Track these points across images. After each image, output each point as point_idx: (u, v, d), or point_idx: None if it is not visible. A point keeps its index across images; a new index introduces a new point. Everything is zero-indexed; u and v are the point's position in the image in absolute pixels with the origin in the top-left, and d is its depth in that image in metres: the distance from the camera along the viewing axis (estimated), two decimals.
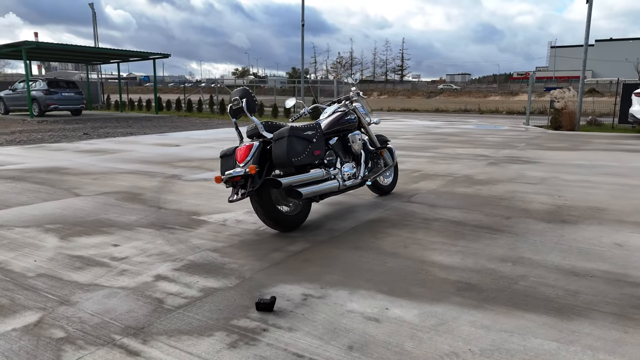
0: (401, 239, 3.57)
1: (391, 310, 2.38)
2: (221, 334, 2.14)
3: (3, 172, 6.50)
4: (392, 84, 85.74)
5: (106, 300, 2.48)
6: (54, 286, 2.66)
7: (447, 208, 4.51)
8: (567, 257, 3.17)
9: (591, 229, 3.82)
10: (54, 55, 21.93)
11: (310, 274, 2.86)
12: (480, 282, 2.76)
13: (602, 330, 2.20)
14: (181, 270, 2.92)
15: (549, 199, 4.89)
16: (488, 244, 3.45)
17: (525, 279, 2.81)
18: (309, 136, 3.65)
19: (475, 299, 2.52)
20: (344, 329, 2.20)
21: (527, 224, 3.98)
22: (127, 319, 2.27)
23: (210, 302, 2.47)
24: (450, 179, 6.09)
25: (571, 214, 4.31)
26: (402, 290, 2.63)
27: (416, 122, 18.94)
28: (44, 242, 3.47)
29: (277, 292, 2.59)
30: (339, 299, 2.52)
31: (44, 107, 18.46)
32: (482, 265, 3.02)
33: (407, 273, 2.89)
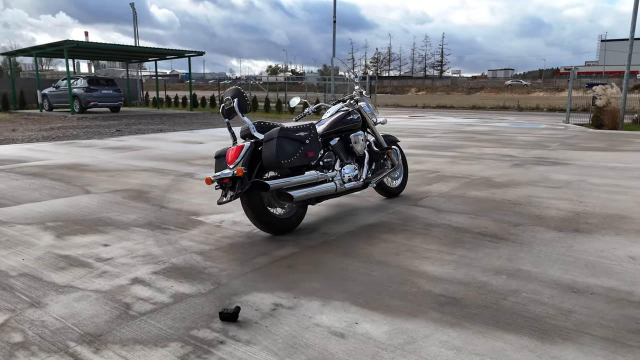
0: (395, 245, 3.42)
1: (360, 325, 2.25)
2: (176, 345, 2.07)
3: (27, 169, 6.71)
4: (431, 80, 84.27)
5: (75, 304, 2.46)
6: (31, 287, 2.68)
7: (454, 213, 4.30)
8: (570, 271, 2.93)
9: (605, 240, 3.54)
10: (94, 54, 22.69)
11: (287, 282, 2.76)
12: (465, 296, 2.58)
13: (588, 357, 2.00)
14: (160, 273, 2.88)
15: (567, 205, 4.59)
16: (487, 254, 3.24)
17: (517, 294, 2.61)
18: (301, 137, 3.54)
19: (454, 316, 2.35)
20: (305, 344, 2.09)
21: (536, 232, 3.73)
22: (89, 325, 2.24)
23: (177, 309, 2.41)
24: (467, 181, 5.83)
25: (588, 221, 4.02)
26: (379, 303, 2.49)
27: (449, 119, 18.46)
28: (39, 240, 3.52)
29: (249, 301, 2.51)
30: (309, 310, 2.41)
31: (85, 104, 19.11)
32: (473, 278, 2.83)
33: (390, 284, 2.74)
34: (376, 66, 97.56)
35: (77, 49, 18.76)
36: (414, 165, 7.00)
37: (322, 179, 3.76)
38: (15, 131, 13.00)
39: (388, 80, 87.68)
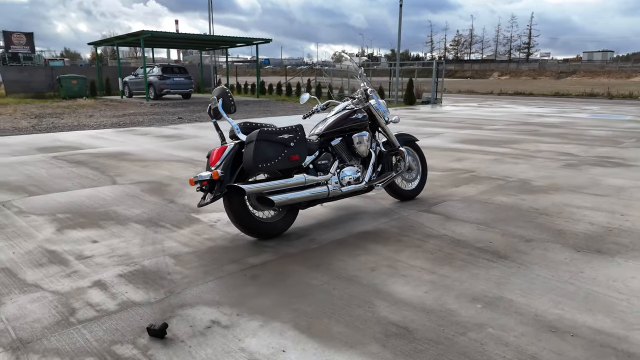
0: (377, 259, 3.19)
1: (285, 354, 2.10)
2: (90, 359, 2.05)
3: (77, 156, 7.15)
4: (516, 64, 79.29)
5: (28, 305, 2.53)
6: (2, 284, 2.80)
7: (464, 222, 3.95)
8: (562, 304, 2.55)
9: (627, 265, 3.05)
10: (168, 42, 23.77)
11: (240, 296, 2.66)
12: (421, 327, 2.32)
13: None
14: (124, 277, 2.90)
15: (604, 218, 4.05)
16: (474, 275, 2.92)
17: (481, 329, 2.30)
18: (285, 140, 3.38)
19: (395, 351, 2.12)
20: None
21: (548, 250, 3.31)
22: (26, 330, 2.29)
23: (116, 319, 2.40)
24: (501, 183, 5.35)
25: (618, 241, 3.50)
26: (321, 328, 2.31)
27: (521, 109, 17.22)
28: (40, 232, 3.70)
29: (189, 315, 2.44)
30: (243, 331, 2.29)
31: (159, 91, 20.14)
32: (441, 304, 2.55)
33: (346, 305, 2.55)
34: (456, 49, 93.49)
35: (152, 39, 19.73)
36: (451, 163, 6.57)
37: (311, 183, 3.59)
38: (92, 117, 13.96)
39: (469, 64, 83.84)
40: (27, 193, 4.93)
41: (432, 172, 5.91)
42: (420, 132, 10.14)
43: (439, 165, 6.42)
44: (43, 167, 6.27)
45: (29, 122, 12.27)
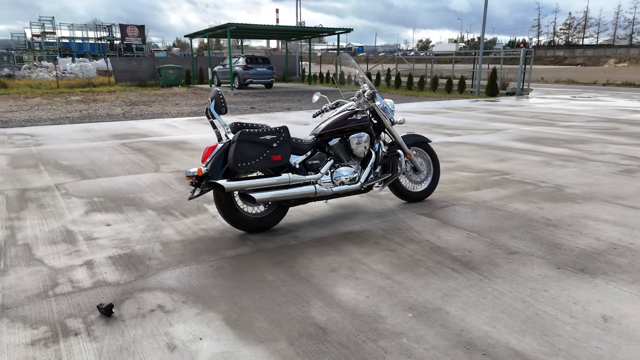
0: (344, 260, 3.28)
1: (200, 342, 2.33)
2: (43, 329, 2.43)
3: (141, 144, 7.92)
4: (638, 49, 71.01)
5: (25, 277, 3.02)
6: (17, 256, 3.33)
7: (457, 228, 3.87)
8: (498, 321, 2.49)
9: (602, 288, 2.85)
10: (253, 34, 24.77)
11: (195, 285, 2.92)
12: (338, 330, 2.42)
13: None
14: (112, 259, 3.30)
15: (617, 234, 3.74)
16: (428, 284, 2.92)
17: (396, 338, 2.35)
18: (267, 141, 3.57)
19: (299, 350, 2.26)
20: (133, 351, 2.26)
21: (526, 265, 3.18)
22: (12, 297, 2.74)
23: (83, 295, 2.78)
24: (529, 188, 5.08)
25: (614, 261, 3.25)
26: (246, 322, 2.51)
27: (617, 102, 15.63)
28: (70, 213, 4.27)
29: (142, 297, 2.75)
30: (178, 317, 2.55)
31: (242, 81, 21.18)
32: (374, 310, 2.61)
33: (284, 302, 2.71)
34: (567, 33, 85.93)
35: (237, 30, 20.73)
36: (490, 163, 6.32)
37: (296, 182, 3.75)
38: (177, 105, 15.15)
39: (581, 50, 76.78)
40: (81, 177, 5.63)
41: (462, 173, 5.75)
42: (480, 127, 9.73)
43: (475, 165, 6.20)
44: (108, 153, 7.06)
45: (123, 109, 13.63)
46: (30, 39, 42.89)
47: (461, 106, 14.61)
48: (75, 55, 39.79)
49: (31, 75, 27.23)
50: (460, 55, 27.11)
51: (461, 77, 19.85)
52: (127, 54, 41.19)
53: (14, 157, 6.77)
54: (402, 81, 22.11)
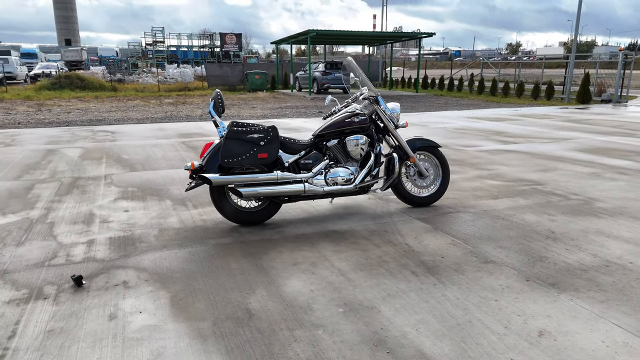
0: (312, 256, 3.39)
1: (139, 315, 2.59)
2: (24, 291, 2.85)
3: (196, 142, 8.55)
4: None
5: (35, 249, 3.51)
6: (39, 232, 3.87)
7: (444, 235, 3.79)
8: (424, 324, 2.47)
9: (561, 304, 2.68)
10: (334, 40, 25.21)
11: (164, 267, 3.21)
12: (265, 317, 2.56)
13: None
14: (112, 239, 3.71)
15: (621, 252, 3.44)
16: (378, 284, 2.94)
17: (313, 329, 2.43)
18: (254, 139, 3.78)
19: (217, 331, 2.43)
20: (79, 316, 2.59)
21: (493, 275, 3.07)
22: (16, 264, 3.23)
23: (69, 267, 3.19)
24: (554, 200, 4.77)
25: (596, 279, 3.01)
26: (187, 303, 2.73)
27: None
28: (103, 200, 4.82)
29: (115, 274, 3.09)
30: (133, 293, 2.84)
31: (320, 86, 21.71)
32: (310, 303, 2.71)
33: (232, 289, 2.90)
34: None
35: (317, 37, 21.29)
36: (529, 173, 5.99)
37: (285, 179, 3.91)
38: (254, 108, 15.99)
39: None
40: (130, 169, 6.27)
41: (491, 181, 5.53)
42: (545, 136, 9.15)
43: (510, 174, 5.91)
44: (164, 150, 7.73)
45: (203, 111, 14.67)
46: (144, 47, 47.36)
47: (539, 113, 13.74)
48: (180, 62, 43.22)
49: (138, 80, 30.12)
50: (549, 60, 25.32)
51: (549, 83, 18.59)
52: (225, 60, 43.86)
53: (87, 151, 7.68)
54: (485, 87, 21.21)
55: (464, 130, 10.09)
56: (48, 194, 5.01)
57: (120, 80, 29.06)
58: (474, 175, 5.87)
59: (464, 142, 8.51)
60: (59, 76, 24.30)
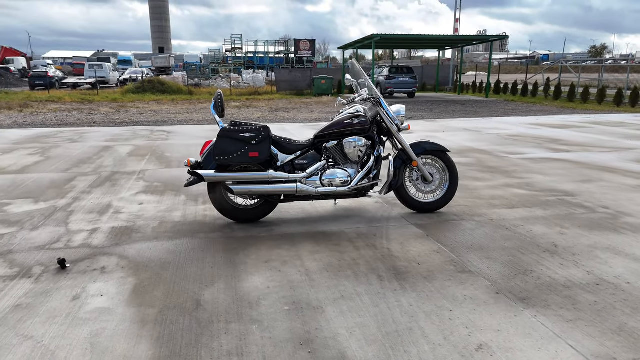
0: (286, 255, 3.42)
1: (99, 297, 2.77)
2: (16, 270, 3.15)
3: None
4: None
5: (44, 233, 3.86)
6: (57, 219, 4.24)
7: (433, 242, 3.66)
8: (360, 328, 2.42)
9: (519, 320, 2.50)
10: (400, 44, 24.84)
11: (146, 257, 3.39)
12: (211, 308, 2.63)
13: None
14: (114, 228, 3.98)
15: (624, 270, 3.12)
16: (337, 285, 2.91)
17: (249, 323, 2.47)
18: (246, 138, 3.87)
19: (159, 316, 2.54)
20: (46, 294, 2.82)
21: (463, 285, 2.92)
22: (22, 245, 3.57)
23: (63, 251, 3.46)
24: (577, 212, 4.42)
25: (575, 297, 2.77)
26: (147, 290, 2.88)
27: None
28: (127, 192, 5.16)
29: (99, 259, 3.32)
30: (104, 277, 3.04)
31: (384, 90, 21.54)
32: (262, 298, 2.75)
33: (194, 280, 3.00)
34: None
35: (382, 41, 21.16)
36: (568, 183, 5.58)
37: (277, 179, 3.97)
38: (312, 112, 16.24)
39: None
40: (165, 166, 6.64)
41: (516, 190, 5.23)
42: (607, 145, 8.44)
43: (543, 184, 5.54)
44: None
45: (262, 114, 15.15)
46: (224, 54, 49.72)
47: (614, 121, 12.65)
48: (256, 68, 44.84)
49: (214, 84, 31.67)
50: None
51: (634, 88, 17.05)
52: (299, 66, 44.82)
53: (137, 148, 8.24)
54: (562, 92, 19.89)
55: (518, 137, 9.56)
56: (82, 186, 5.45)
57: (197, 84, 30.71)
58: (501, 183, 5.56)
59: (510, 149, 8.07)
60: (142, 81, 26.21)
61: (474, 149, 8.10)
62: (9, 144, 8.69)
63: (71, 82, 31.67)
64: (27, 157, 7.26)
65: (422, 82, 28.94)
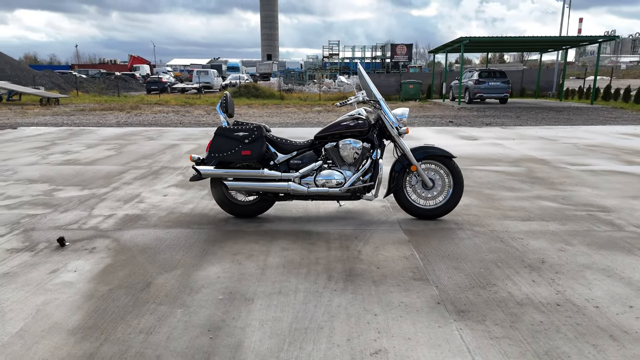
0: (258, 249, 3.55)
1: (69, 273, 3.13)
2: (26, 243, 3.65)
3: None
4: None
5: (70, 215, 4.38)
6: (86, 204, 4.79)
7: (411, 248, 3.55)
8: (270, 323, 2.48)
9: (441, 331, 2.39)
10: (491, 47, 23.52)
11: (134, 243, 3.71)
12: (152, 290, 2.86)
13: None
14: (126, 215, 4.40)
15: (603, 294, 2.80)
16: (282, 281, 2.97)
17: (173, 309, 2.65)
18: (240, 137, 4.05)
19: (108, 296, 2.82)
20: (32, 266, 3.24)
21: (404, 293, 2.83)
22: (47, 224, 4.10)
23: (73, 232, 3.92)
24: (598, 229, 3.99)
25: (523, 315, 2.56)
26: (114, 270, 3.17)
27: None
28: (159, 185, 5.63)
29: (95, 241, 3.71)
30: (87, 256, 3.40)
31: (472, 95, 20.65)
32: (202, 286, 2.91)
33: (161, 266, 3.24)
34: None
35: (471, 44, 20.28)
36: (607, 199, 5.05)
37: (270, 177, 4.10)
38: None
39: None
40: None
41: (548, 203, 4.84)
42: None
43: (584, 198, 5.05)
44: None
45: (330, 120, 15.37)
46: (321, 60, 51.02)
47: None
48: (351, 73, 45.32)
49: (305, 89, 32.63)
50: None
51: None
52: (394, 70, 44.49)
53: (199, 146, 8.87)
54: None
55: (595, 148, 8.70)
56: (129, 178, 6.04)
57: (289, 89, 31.85)
58: (533, 195, 5.16)
59: (576, 160, 7.39)
60: (239, 86, 27.87)
61: (534, 158, 7.54)
62: (97, 140, 9.82)
63: (180, 87, 34.62)
64: (103, 152, 8.17)
65: (522, 88, 27.20)
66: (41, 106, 20.08)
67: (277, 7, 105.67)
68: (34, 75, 31.43)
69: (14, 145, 8.92)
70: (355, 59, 50.52)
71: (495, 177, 6.07)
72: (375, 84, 4.51)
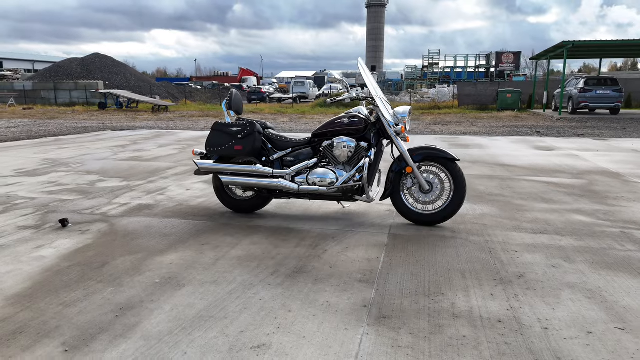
0: (229, 242, 3.57)
1: (49, 249, 3.41)
2: (37, 223, 4.05)
3: None
4: None
5: (91, 201, 4.78)
6: (112, 194, 5.19)
7: (382, 253, 3.33)
8: (183, 308, 2.48)
9: (349, 335, 2.22)
10: (597, 52, 21.12)
11: (127, 230, 3.94)
12: (105, 277, 3.01)
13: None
14: (140, 205, 4.68)
15: (563, 314, 2.41)
16: (225, 273, 2.96)
17: (138, 301, 2.77)
18: (233, 132, 4.11)
19: (67, 276, 3.03)
20: (27, 242, 3.58)
21: (341, 296, 2.67)
22: (66, 206, 4.53)
23: (80, 215, 4.28)
24: (617, 248, 3.43)
25: (456, 332, 2.29)
26: (85, 252, 3.40)
27: None
28: (192, 180, 5.93)
29: (92, 224, 4.01)
30: (76, 237, 3.68)
31: (576, 105, 18.82)
32: (150, 277, 3.01)
33: (128, 253, 3.42)
34: None
35: (575, 49, 18.51)
36: None
37: (261, 173, 4.11)
38: (474, 126, 15.36)
39: None
40: None
41: (582, 217, 4.29)
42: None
43: (626, 214, 4.38)
44: None
45: (419, 127, 14.97)
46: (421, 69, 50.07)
47: None
48: (451, 82, 43.85)
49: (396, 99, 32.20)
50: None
51: None
52: (499, 79, 42.19)
53: None
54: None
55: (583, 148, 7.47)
56: (170, 173, 6.44)
57: None
58: (569, 208, 4.57)
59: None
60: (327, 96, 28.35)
61: (606, 171, 6.67)
62: (171, 141, 10.60)
63: (276, 97, 36.13)
64: (167, 151, 8.79)
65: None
66: (152, 113, 22.17)
67: (383, 19, 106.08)
68: (151, 86, 34.89)
69: (101, 143, 9.95)
70: (458, 68, 48.80)
71: (541, 187, 5.47)
72: (471, 93, 4.36)
